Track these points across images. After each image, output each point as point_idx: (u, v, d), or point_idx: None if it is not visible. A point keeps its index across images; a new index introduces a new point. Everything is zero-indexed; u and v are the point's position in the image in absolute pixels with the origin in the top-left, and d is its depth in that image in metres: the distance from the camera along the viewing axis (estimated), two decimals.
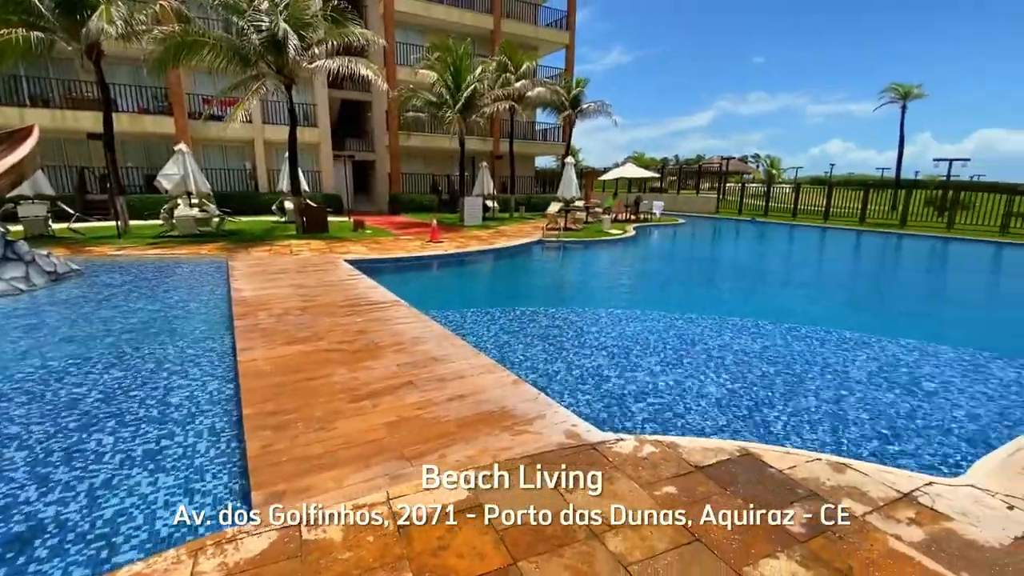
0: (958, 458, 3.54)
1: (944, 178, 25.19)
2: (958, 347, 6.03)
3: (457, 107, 17.72)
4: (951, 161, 23.05)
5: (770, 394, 4.62)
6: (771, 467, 2.98)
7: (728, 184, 32.30)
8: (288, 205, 16.47)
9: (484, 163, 20.73)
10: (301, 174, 15.92)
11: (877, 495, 2.74)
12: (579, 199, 22.06)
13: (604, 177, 29.41)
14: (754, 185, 32.17)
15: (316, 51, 13.29)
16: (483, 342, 5.84)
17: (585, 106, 24.27)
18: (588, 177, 30.70)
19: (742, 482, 2.82)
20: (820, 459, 3.10)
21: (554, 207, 18.33)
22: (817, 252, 16.79)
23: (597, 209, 21.72)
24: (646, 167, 38.72)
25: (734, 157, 37.63)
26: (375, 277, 8.35)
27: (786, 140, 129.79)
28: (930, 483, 2.87)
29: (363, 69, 13.19)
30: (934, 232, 19.37)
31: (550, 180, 29.59)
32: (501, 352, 5.52)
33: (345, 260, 10.02)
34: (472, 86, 17.64)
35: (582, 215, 19.98)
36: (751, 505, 2.59)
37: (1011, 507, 2.67)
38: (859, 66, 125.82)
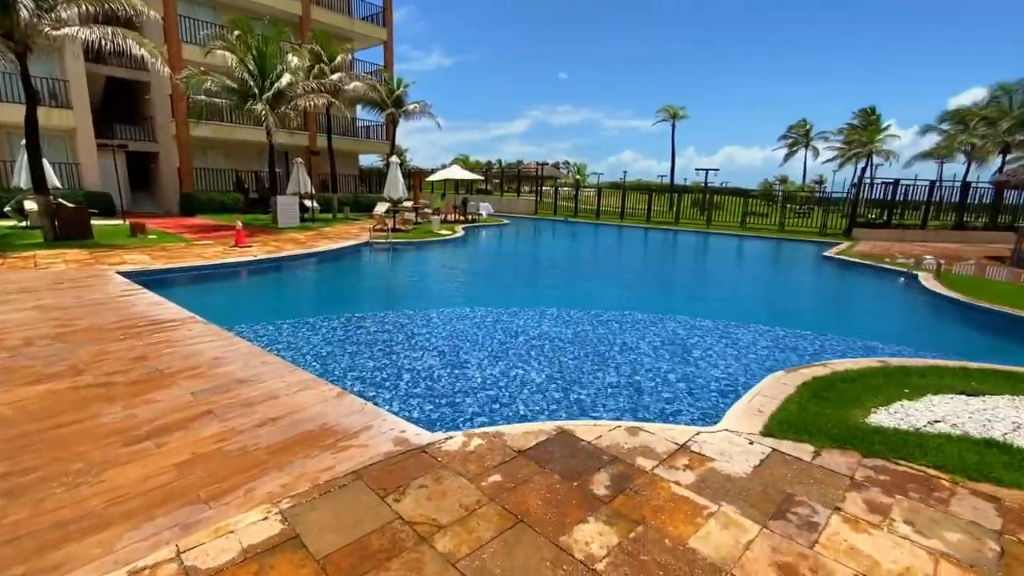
0: (719, 408, 4.42)
1: (703, 184, 31.26)
2: (716, 319, 7.54)
3: (266, 97, 15.96)
4: (707, 171, 28.72)
5: (581, 374, 5.16)
6: (582, 440, 3.33)
7: (544, 187, 35.23)
8: (30, 206, 12.91)
9: (299, 159, 19.01)
10: (49, 166, 12.61)
11: (662, 450, 3.25)
12: (407, 200, 21.80)
13: (432, 178, 29.52)
14: (565, 189, 35.67)
15: (65, 15, 10.63)
16: (302, 356, 5.37)
17: (410, 106, 24.02)
18: (416, 177, 30.47)
19: (558, 458, 3.08)
20: (620, 426, 3.56)
21: (381, 207, 17.77)
22: (615, 246, 19.34)
23: (426, 210, 21.71)
24: (471, 170, 40.06)
25: (548, 163, 41.24)
26: (161, 291, 7.04)
27: (589, 149, 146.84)
28: (698, 433, 3.52)
29: (135, 47, 10.98)
30: (699, 228, 23.90)
31: (377, 179, 28.59)
32: (323, 364, 5.14)
33: (118, 272, 8.24)
34: (283, 76, 16.08)
35: (411, 216, 19.76)
36: (566, 478, 2.85)
37: (751, 442, 3.42)
38: (641, 88, 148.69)
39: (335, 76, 19.45)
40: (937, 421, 3.78)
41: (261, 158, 21.89)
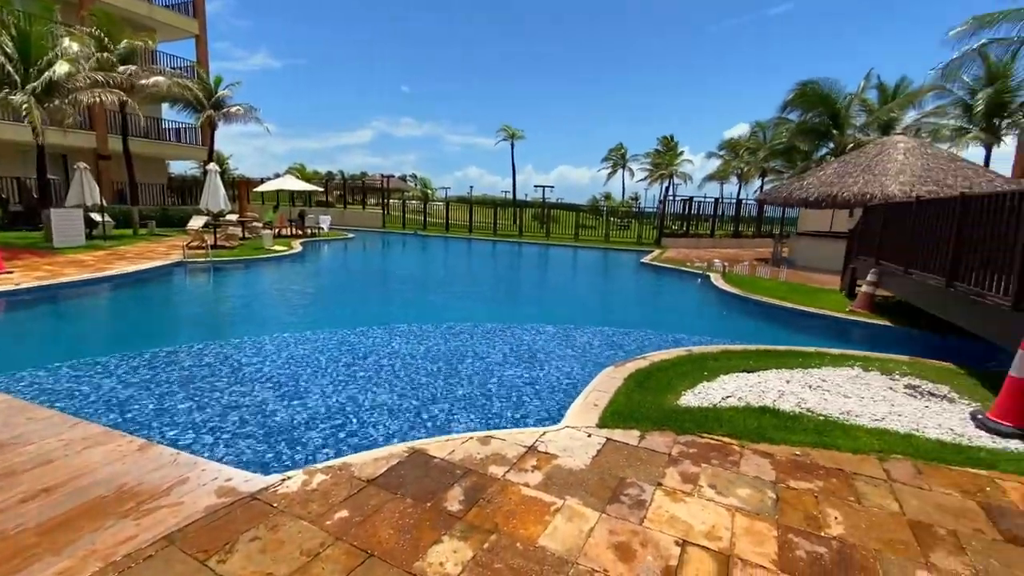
0: (564, 406, 4.74)
1: (542, 200, 33.73)
2: (557, 324, 8.13)
3: (31, 88, 12.84)
4: (544, 188, 31.18)
5: (434, 391, 5.12)
6: (435, 458, 3.29)
7: (391, 200, 34.43)
8: None
9: (83, 164, 15.60)
10: None
11: (512, 455, 3.37)
12: (231, 212, 19.39)
13: (262, 188, 26.70)
14: (413, 202, 35.34)
15: None
16: (90, 405, 4.39)
17: (232, 108, 21.49)
18: (242, 187, 27.32)
19: (410, 481, 3.00)
20: (472, 437, 3.61)
21: (197, 221, 15.51)
22: (464, 259, 19.74)
23: (256, 224, 19.57)
24: (309, 180, 37.28)
25: (394, 175, 40.48)
26: None
27: (434, 163, 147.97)
28: (544, 433, 3.74)
29: None
30: (539, 240, 25.65)
31: (193, 189, 24.92)
32: (122, 412, 4.27)
33: None
34: (57, 64, 13.13)
35: (236, 231, 17.62)
36: (419, 500, 2.78)
37: (590, 435, 3.74)
38: (482, 106, 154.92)
39: (124, 68, 16.56)
40: (729, 396, 4.58)
41: (26, 161, 17.54)
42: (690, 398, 4.55)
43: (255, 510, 2.66)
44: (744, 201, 27.43)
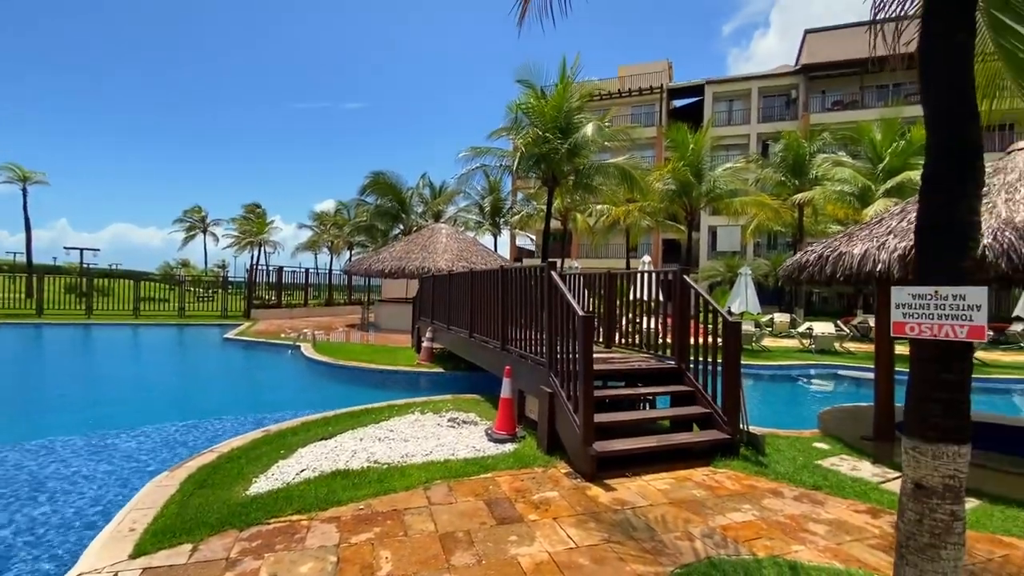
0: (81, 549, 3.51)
1: (82, 265, 25.62)
2: (89, 433, 6.14)
3: None
4: (82, 250, 23.81)
5: None
6: None
7: None
8: None
9: None
10: None
11: None
12: None
13: None
14: None
15: None
16: None
17: None
18: None
19: None
20: None
21: None
22: None
23: None
24: None
25: None
26: None
27: None
28: None
29: None
30: (76, 319, 19.24)
31: None
32: None
33: None
34: None
35: None
36: None
37: (118, 574, 2.89)
38: None
39: None
40: (304, 470, 4.53)
41: None
42: (262, 483, 4.24)
43: None
44: (335, 271, 29.10)
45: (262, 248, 47.30)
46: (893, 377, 5.80)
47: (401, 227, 27.87)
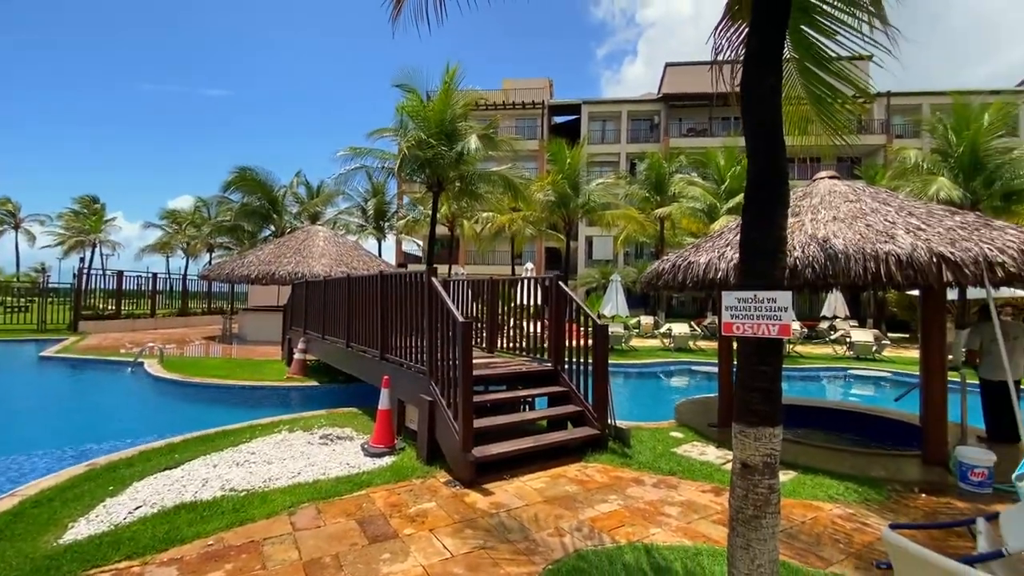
0: None
1: None
2: None
3: None
4: None
5: None
6: None
7: None
8: None
9: None
10: None
11: None
12: None
13: None
14: None
15: None
16: None
17: None
18: None
19: None
20: None
21: None
22: None
23: None
24: None
25: None
26: None
27: None
28: None
29: None
30: None
31: None
32: None
33: None
34: None
35: None
36: None
37: None
38: None
39: None
40: (140, 507, 3.90)
41: None
42: (82, 528, 3.56)
43: None
44: (191, 276, 25.76)
45: (97, 249, 40.34)
46: (732, 371, 6.66)
47: (272, 228, 25.65)
